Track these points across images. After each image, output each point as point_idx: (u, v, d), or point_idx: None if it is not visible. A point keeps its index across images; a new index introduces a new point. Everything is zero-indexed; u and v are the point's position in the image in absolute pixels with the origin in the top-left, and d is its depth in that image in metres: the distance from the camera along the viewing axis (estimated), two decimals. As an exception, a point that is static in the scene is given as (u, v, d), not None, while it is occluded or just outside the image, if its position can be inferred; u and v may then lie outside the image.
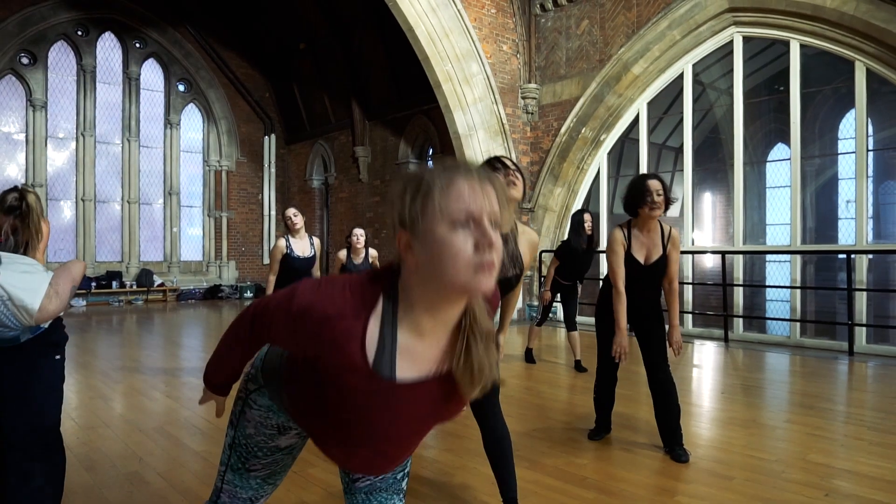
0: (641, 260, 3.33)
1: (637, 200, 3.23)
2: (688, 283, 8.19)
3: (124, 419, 4.10)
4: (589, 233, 5.51)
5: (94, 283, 12.34)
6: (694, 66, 8.24)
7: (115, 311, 11.48)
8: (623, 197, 3.35)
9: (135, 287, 12.88)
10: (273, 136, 14.84)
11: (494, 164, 2.35)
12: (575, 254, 5.57)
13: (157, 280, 13.17)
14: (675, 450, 3.28)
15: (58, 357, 2.30)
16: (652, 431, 3.61)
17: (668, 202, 3.25)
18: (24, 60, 11.99)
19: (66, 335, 2.37)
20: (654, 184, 3.21)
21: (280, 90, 14.61)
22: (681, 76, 8.33)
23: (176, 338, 8.34)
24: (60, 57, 12.54)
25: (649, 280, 3.35)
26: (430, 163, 12.04)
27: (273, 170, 14.90)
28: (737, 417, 4.07)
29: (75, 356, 6.38)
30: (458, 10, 8.64)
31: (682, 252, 8.47)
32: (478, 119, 8.93)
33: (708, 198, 10.66)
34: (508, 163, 2.39)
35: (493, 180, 1.02)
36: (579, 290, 5.93)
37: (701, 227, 10.22)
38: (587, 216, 5.56)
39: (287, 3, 12.78)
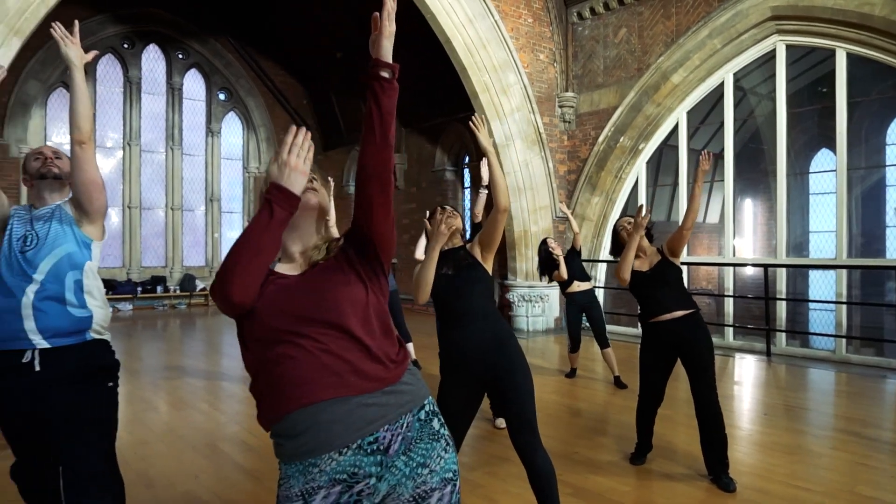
0: (645, 268, 3.57)
1: (616, 238, 3.80)
2: (728, 296, 8.07)
3: (176, 434, 4.26)
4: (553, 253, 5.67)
5: (139, 288, 12.75)
6: (734, 74, 8.11)
7: (160, 315, 11.84)
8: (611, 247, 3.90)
9: (178, 291, 13.26)
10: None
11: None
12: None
13: (200, 284, 13.53)
14: (721, 478, 3.27)
15: (110, 384, 2.35)
16: (692, 456, 3.60)
17: (640, 224, 3.48)
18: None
19: (118, 361, 2.41)
20: (621, 222, 3.80)
21: (317, 98, 14.85)
22: (721, 85, 8.21)
23: (217, 344, 8.58)
24: (108, 69, 12.98)
25: (662, 280, 3.50)
26: (465, 171, 12.10)
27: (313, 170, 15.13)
28: (780, 442, 4.03)
29: (124, 363, 6.63)
30: (496, 21, 8.67)
31: (724, 264, 8.34)
32: (515, 129, 8.95)
33: (749, 206, 10.47)
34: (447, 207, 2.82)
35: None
36: (598, 296, 6.02)
37: (742, 236, 10.04)
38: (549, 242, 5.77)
39: (324, 13, 12.98)
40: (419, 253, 5.17)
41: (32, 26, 5.27)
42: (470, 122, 2.65)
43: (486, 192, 3.54)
